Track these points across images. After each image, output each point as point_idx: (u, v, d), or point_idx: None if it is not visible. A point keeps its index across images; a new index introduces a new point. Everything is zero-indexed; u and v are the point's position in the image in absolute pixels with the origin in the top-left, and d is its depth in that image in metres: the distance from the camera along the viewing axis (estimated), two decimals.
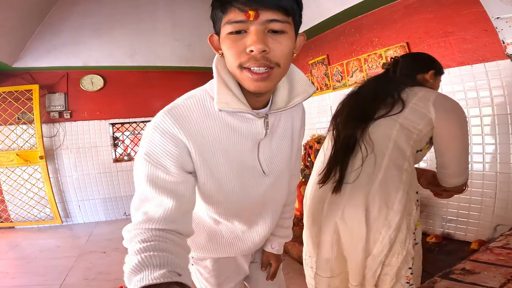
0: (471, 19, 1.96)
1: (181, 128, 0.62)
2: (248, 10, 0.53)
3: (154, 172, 0.61)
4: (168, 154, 0.61)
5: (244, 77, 0.59)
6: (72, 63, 3.72)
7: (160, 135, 0.61)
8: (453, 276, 0.67)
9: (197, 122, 0.64)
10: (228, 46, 0.58)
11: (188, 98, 0.66)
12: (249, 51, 0.56)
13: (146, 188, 0.61)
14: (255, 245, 0.87)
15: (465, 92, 2.05)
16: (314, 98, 3.46)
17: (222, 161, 0.68)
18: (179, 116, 0.63)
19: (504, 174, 1.89)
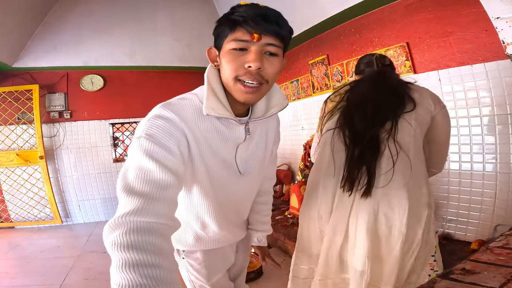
0: (471, 19, 1.96)
1: (180, 118, 0.69)
2: (254, 33, 0.65)
3: (157, 150, 0.63)
4: (171, 136, 0.66)
5: (237, 88, 0.69)
6: (72, 63, 3.72)
7: (162, 120, 0.67)
8: (453, 276, 0.67)
9: (190, 118, 0.71)
10: (229, 59, 0.68)
11: (180, 99, 0.74)
12: (247, 67, 0.66)
13: (147, 163, 0.61)
14: (235, 237, 1.00)
15: (465, 92, 2.05)
16: (314, 98, 3.46)
17: (211, 155, 0.75)
18: (176, 110, 0.70)
19: (504, 174, 1.89)
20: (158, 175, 0.61)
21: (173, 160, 0.65)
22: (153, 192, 0.59)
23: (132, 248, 0.51)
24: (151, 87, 4.20)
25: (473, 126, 2.03)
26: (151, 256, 0.51)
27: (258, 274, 2.18)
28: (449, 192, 2.17)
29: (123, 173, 0.63)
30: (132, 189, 0.59)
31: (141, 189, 0.59)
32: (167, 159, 0.63)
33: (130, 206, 0.57)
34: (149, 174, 0.61)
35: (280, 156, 4.21)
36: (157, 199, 0.59)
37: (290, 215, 2.99)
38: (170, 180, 0.62)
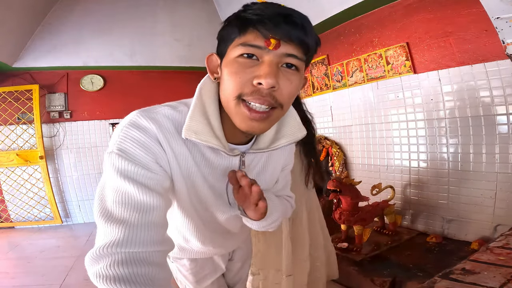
0: (471, 19, 1.95)
1: (158, 128, 0.56)
2: (271, 38, 0.49)
3: (133, 169, 0.52)
4: (147, 150, 0.54)
5: (238, 111, 0.52)
6: (72, 63, 3.71)
7: (136, 131, 0.55)
8: (453, 276, 0.67)
9: (172, 129, 0.58)
10: (233, 70, 0.51)
11: (166, 106, 0.61)
12: (256, 83, 0.50)
13: (123, 185, 0.51)
14: (226, 249, 0.91)
15: (465, 92, 2.05)
16: (314, 98, 3.46)
17: (195, 173, 0.63)
18: (156, 118, 0.57)
19: (504, 174, 1.89)
20: (138, 198, 0.51)
21: (153, 177, 0.54)
22: (135, 218, 0.50)
23: (121, 281, 0.46)
24: (151, 87, 4.20)
25: (473, 126, 2.03)
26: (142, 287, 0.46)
27: None
28: (449, 192, 2.17)
29: (100, 194, 0.54)
30: (110, 215, 0.51)
31: (121, 215, 0.50)
32: (146, 178, 0.53)
33: (111, 235, 0.49)
34: (128, 197, 0.51)
35: None
36: (141, 225, 0.50)
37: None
38: (152, 202, 0.52)
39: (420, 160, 2.37)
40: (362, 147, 2.86)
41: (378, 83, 2.65)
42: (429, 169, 2.30)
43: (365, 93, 2.78)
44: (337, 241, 2.22)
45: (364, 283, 1.78)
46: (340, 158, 3.01)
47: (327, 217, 2.81)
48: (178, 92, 3.21)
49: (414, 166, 2.41)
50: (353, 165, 2.98)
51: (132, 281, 0.46)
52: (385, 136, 2.63)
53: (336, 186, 2.06)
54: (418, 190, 2.38)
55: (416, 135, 2.39)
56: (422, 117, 2.33)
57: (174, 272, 0.94)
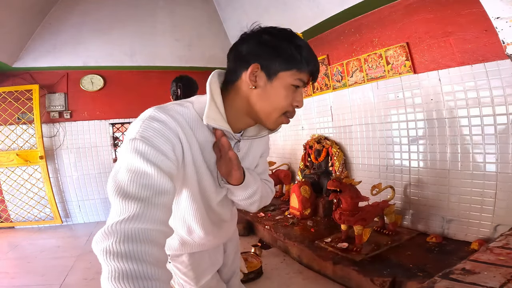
0: (471, 19, 1.95)
1: (175, 122, 0.66)
2: (311, 82, 0.74)
3: (154, 153, 0.60)
4: (166, 139, 0.63)
5: (279, 120, 0.72)
6: (72, 63, 3.71)
7: (157, 123, 0.64)
8: (453, 276, 0.67)
9: (185, 123, 0.69)
10: (287, 94, 0.69)
11: (175, 104, 0.71)
12: (295, 105, 0.71)
13: (143, 166, 0.59)
14: (221, 239, 0.98)
15: (465, 92, 2.05)
16: (314, 98, 3.46)
17: (201, 162, 0.74)
18: (172, 114, 0.67)
19: (504, 174, 1.89)
20: (156, 180, 0.59)
21: (170, 164, 0.63)
22: (151, 197, 0.57)
23: (128, 257, 0.49)
24: (151, 87, 4.20)
25: (473, 126, 2.03)
26: (148, 267, 0.49)
27: (258, 274, 2.18)
28: (449, 192, 2.17)
29: (115, 176, 0.60)
30: (127, 193, 0.56)
31: (138, 193, 0.56)
32: (164, 163, 0.61)
33: (126, 211, 0.54)
34: (146, 178, 0.58)
35: (280, 156, 4.20)
36: (155, 204, 0.57)
37: (290, 215, 2.99)
38: (167, 186, 0.60)
39: (420, 160, 2.37)
40: (362, 147, 2.86)
41: (378, 83, 2.65)
42: (429, 169, 2.29)
43: (365, 93, 2.78)
44: (337, 241, 2.23)
45: (364, 283, 1.78)
46: (340, 158, 3.01)
47: (327, 217, 2.82)
48: None
49: (414, 166, 2.41)
50: (353, 165, 2.98)
51: (140, 259, 0.49)
52: (385, 136, 2.63)
53: (336, 186, 2.06)
54: (418, 190, 2.38)
55: (416, 135, 2.38)
56: (422, 117, 2.33)
57: (172, 275, 0.95)
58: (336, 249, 2.13)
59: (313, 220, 2.84)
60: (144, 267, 0.49)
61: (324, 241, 2.29)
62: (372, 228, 2.10)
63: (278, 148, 4.29)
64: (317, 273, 2.14)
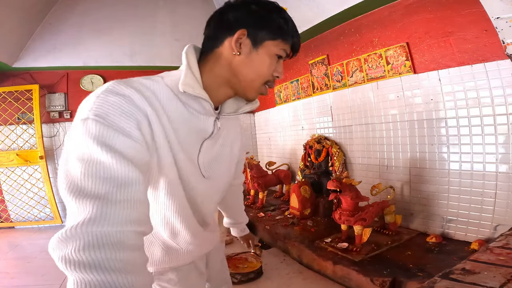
0: (471, 19, 1.95)
1: (141, 95, 0.56)
2: (292, 54, 0.72)
3: (112, 135, 0.49)
4: (128, 116, 0.52)
5: (259, 89, 0.69)
6: (72, 63, 3.72)
7: (116, 97, 0.52)
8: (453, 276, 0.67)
9: (154, 97, 0.59)
10: (271, 63, 0.67)
11: (141, 78, 0.62)
12: (275, 75, 0.69)
13: (99, 154, 0.47)
14: (208, 246, 0.89)
15: (465, 92, 2.05)
16: (314, 98, 3.46)
17: (177, 144, 0.63)
18: (137, 86, 0.57)
19: (504, 174, 1.89)
20: (115, 169, 0.47)
21: (134, 146, 0.51)
22: (112, 192, 0.46)
23: (92, 267, 0.41)
24: None
25: (473, 126, 2.03)
26: (118, 276, 0.42)
27: (258, 274, 2.18)
28: (449, 192, 2.17)
29: (66, 168, 0.48)
30: (81, 190, 0.46)
31: (95, 190, 0.46)
32: (127, 146, 0.50)
33: (82, 213, 0.44)
34: (104, 168, 0.47)
35: (280, 156, 4.20)
36: (117, 201, 0.46)
37: (290, 215, 2.99)
38: (132, 175, 0.49)
39: (420, 160, 2.37)
40: (362, 147, 2.86)
41: (378, 83, 2.65)
42: (429, 169, 2.30)
43: (365, 93, 2.78)
44: (337, 241, 2.23)
45: (364, 283, 1.78)
46: (340, 158, 3.01)
47: (327, 217, 2.82)
48: None
49: (414, 166, 2.41)
50: (353, 165, 2.98)
51: (106, 268, 0.42)
52: (385, 136, 2.63)
53: (336, 186, 2.06)
54: (418, 190, 2.38)
55: (416, 135, 2.39)
56: (422, 117, 2.33)
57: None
58: (336, 249, 2.13)
59: (313, 220, 2.84)
60: (113, 276, 0.42)
61: (324, 241, 2.29)
62: (372, 228, 2.10)
63: (278, 148, 4.29)
64: (317, 273, 2.14)
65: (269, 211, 3.26)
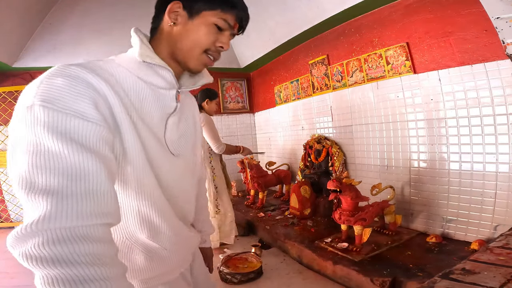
0: (471, 19, 1.96)
1: (94, 74, 0.51)
2: (238, 24, 0.69)
3: (64, 119, 0.43)
4: (80, 95, 0.46)
5: (200, 58, 0.67)
6: None
7: (64, 79, 0.47)
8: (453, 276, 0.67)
9: (109, 75, 0.56)
10: (207, 31, 0.65)
11: (95, 60, 0.60)
12: (219, 46, 0.68)
13: (49, 142, 0.42)
14: (191, 248, 0.81)
15: (465, 92, 2.05)
16: (314, 98, 3.46)
17: (141, 124, 0.58)
18: (89, 66, 0.53)
19: (504, 174, 1.89)
20: (69, 159, 0.42)
21: (92, 129, 0.46)
22: (66, 185, 0.41)
23: (59, 262, 0.38)
24: None
25: (473, 126, 2.03)
26: (90, 269, 0.40)
27: (258, 274, 2.18)
28: (449, 192, 2.17)
29: (13, 162, 0.44)
30: (32, 185, 0.41)
31: (47, 184, 0.41)
32: (83, 130, 0.44)
33: (38, 209, 0.40)
34: (54, 159, 0.42)
35: (280, 156, 4.20)
36: (75, 194, 0.41)
37: (290, 215, 2.99)
38: (89, 163, 0.44)
39: (420, 160, 2.37)
40: (362, 147, 2.86)
41: (378, 83, 2.65)
42: (429, 169, 2.30)
43: (365, 93, 2.78)
44: (337, 241, 2.23)
45: (364, 283, 1.78)
46: (340, 158, 3.01)
47: (327, 217, 2.82)
48: None
49: (414, 166, 2.41)
50: (353, 165, 2.98)
51: (72, 262, 0.39)
52: (385, 136, 2.63)
53: (336, 186, 2.06)
54: (418, 190, 2.38)
55: (416, 135, 2.39)
56: (422, 117, 2.33)
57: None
58: (336, 249, 2.13)
59: (313, 220, 2.84)
60: (84, 269, 0.39)
61: (324, 241, 2.29)
62: (372, 228, 2.10)
63: (278, 148, 4.29)
64: (317, 273, 2.14)
65: (269, 211, 3.26)
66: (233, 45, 4.44)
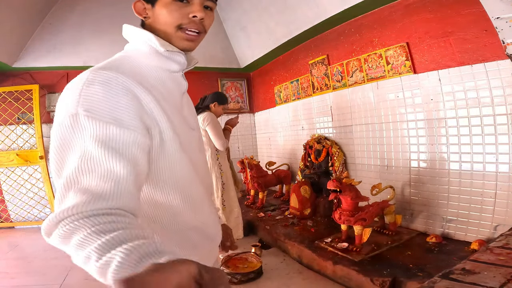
0: (471, 19, 1.95)
1: (124, 75, 0.55)
2: None
3: (105, 129, 0.48)
4: (117, 102, 0.51)
5: (179, 35, 0.69)
6: (72, 63, 3.71)
7: (100, 86, 0.51)
8: (453, 276, 0.67)
9: (135, 72, 0.60)
10: (171, 9, 0.66)
11: (112, 59, 0.65)
12: (192, 16, 0.68)
13: (94, 153, 0.47)
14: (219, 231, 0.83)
15: (465, 92, 2.05)
16: (314, 98, 3.46)
17: (170, 110, 0.64)
18: (116, 67, 0.57)
19: (504, 174, 1.89)
20: (107, 165, 0.47)
21: (128, 136, 0.51)
22: (101, 186, 0.46)
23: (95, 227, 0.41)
24: None
25: (473, 126, 2.03)
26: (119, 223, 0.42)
27: (258, 274, 2.18)
28: (449, 192, 2.17)
29: (61, 157, 0.49)
30: (77, 183, 0.46)
31: (88, 184, 0.46)
32: (120, 137, 0.49)
33: (76, 199, 0.44)
34: (97, 163, 0.47)
35: (280, 156, 4.20)
36: (106, 192, 0.46)
37: (290, 215, 2.99)
38: (123, 170, 0.48)
39: (420, 160, 2.37)
40: (362, 147, 2.86)
41: (378, 83, 2.65)
42: (429, 169, 2.30)
43: (365, 93, 2.78)
44: (337, 241, 2.23)
45: (364, 283, 1.78)
46: (340, 158, 3.01)
47: (327, 217, 2.82)
48: None
49: (414, 166, 2.41)
50: (353, 165, 2.98)
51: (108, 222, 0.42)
52: (385, 136, 2.63)
53: (336, 186, 2.06)
54: (418, 190, 2.38)
55: (416, 135, 2.39)
56: (422, 117, 2.33)
57: None
58: (336, 249, 2.13)
59: (313, 220, 2.84)
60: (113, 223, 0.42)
61: (324, 241, 2.29)
62: (372, 228, 2.10)
63: (278, 148, 4.29)
64: (317, 273, 2.14)
65: (269, 211, 3.26)
66: (233, 45, 4.44)
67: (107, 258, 0.37)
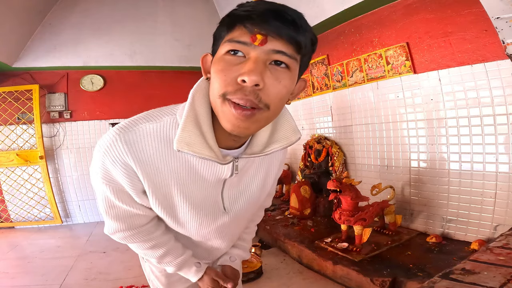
0: (471, 19, 1.95)
1: (130, 154, 0.56)
2: (256, 33, 0.46)
3: (112, 188, 0.63)
4: (121, 173, 0.60)
5: (225, 110, 0.49)
6: (72, 63, 3.71)
7: (111, 162, 0.58)
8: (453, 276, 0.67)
9: (151, 151, 0.57)
10: (220, 68, 0.48)
11: (150, 122, 0.57)
12: (240, 81, 0.46)
13: (112, 200, 0.66)
14: (211, 256, 0.88)
15: (465, 92, 2.05)
16: (314, 98, 3.46)
17: (176, 193, 0.62)
18: (132, 142, 0.56)
19: (504, 174, 1.89)
20: (120, 208, 0.67)
21: (126, 193, 0.65)
22: (119, 217, 0.69)
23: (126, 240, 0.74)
24: (151, 87, 4.20)
25: (473, 126, 2.03)
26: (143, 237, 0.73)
27: (258, 274, 2.18)
28: (449, 192, 2.17)
29: (98, 196, 0.68)
30: (107, 213, 0.69)
31: (111, 215, 0.69)
32: (122, 193, 0.65)
33: (112, 223, 0.70)
34: (114, 206, 0.67)
35: None
36: (124, 220, 0.71)
37: (290, 215, 2.99)
38: (128, 211, 0.69)
39: (420, 160, 2.37)
40: (362, 147, 2.86)
41: (378, 83, 2.65)
42: (429, 169, 2.30)
43: (365, 93, 2.78)
44: (337, 241, 2.22)
45: (364, 283, 1.78)
46: (340, 158, 3.01)
47: (327, 217, 2.82)
48: (178, 92, 3.21)
49: (414, 166, 2.41)
50: (353, 165, 2.98)
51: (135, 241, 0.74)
52: (385, 136, 2.63)
53: (336, 186, 2.06)
54: (418, 190, 2.38)
55: (416, 135, 2.39)
56: (422, 117, 2.33)
57: (147, 272, 0.91)
58: (336, 249, 2.13)
59: (313, 220, 2.84)
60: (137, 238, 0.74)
61: (324, 241, 2.29)
62: (372, 228, 2.10)
63: None
64: (317, 273, 2.14)
65: (269, 211, 3.26)
66: None
67: None
